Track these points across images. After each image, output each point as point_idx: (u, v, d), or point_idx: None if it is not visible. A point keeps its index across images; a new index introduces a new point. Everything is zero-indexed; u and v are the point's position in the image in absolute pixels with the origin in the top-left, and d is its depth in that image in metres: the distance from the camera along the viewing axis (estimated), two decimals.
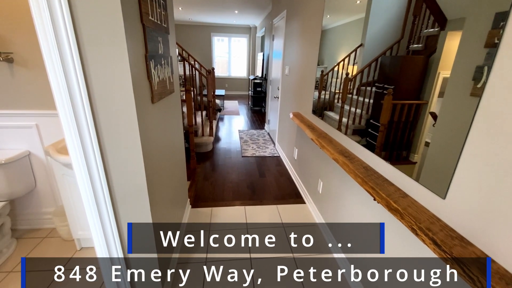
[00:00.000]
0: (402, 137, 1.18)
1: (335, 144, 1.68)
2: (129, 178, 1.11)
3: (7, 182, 1.73)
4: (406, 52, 1.18)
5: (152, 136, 1.24)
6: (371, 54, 1.47)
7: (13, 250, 1.79)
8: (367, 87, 1.51)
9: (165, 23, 1.45)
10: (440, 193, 0.91)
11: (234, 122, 5.84)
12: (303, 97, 2.59)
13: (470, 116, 0.78)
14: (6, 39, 1.58)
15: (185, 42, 8.61)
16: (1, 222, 1.73)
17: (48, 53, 0.88)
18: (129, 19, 0.96)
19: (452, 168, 0.85)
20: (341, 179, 1.72)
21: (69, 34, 0.87)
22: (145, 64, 1.13)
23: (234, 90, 9.80)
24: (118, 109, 1.00)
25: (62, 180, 1.63)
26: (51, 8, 0.83)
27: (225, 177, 3.04)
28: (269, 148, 4.06)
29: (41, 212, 1.99)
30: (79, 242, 1.80)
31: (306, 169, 2.53)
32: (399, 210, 0.96)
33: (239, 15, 7.21)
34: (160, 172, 1.39)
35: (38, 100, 1.69)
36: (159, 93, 1.30)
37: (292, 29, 3.05)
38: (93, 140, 1.01)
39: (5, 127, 1.74)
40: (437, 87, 0.99)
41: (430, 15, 1.05)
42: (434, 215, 0.93)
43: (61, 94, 0.92)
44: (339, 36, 1.92)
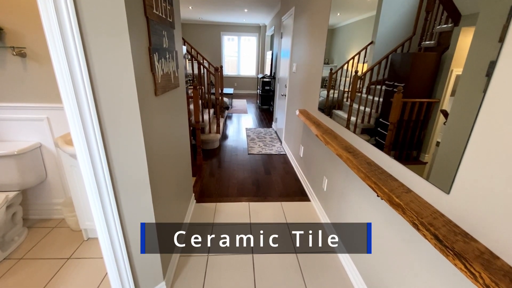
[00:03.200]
0: (413, 136, 1.15)
1: (340, 140, 1.65)
2: (131, 169, 1.13)
3: (20, 173, 1.80)
4: (418, 49, 1.15)
5: (155, 128, 1.26)
6: (382, 52, 1.44)
7: (24, 238, 1.85)
8: (377, 86, 1.48)
9: (171, 18, 1.47)
10: (444, 188, 0.88)
11: (242, 120, 5.85)
12: (309, 94, 2.56)
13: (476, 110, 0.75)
14: (19, 35, 1.64)
15: (195, 41, 8.69)
16: (13, 211, 1.80)
17: (53, 44, 0.90)
18: (132, 11, 0.98)
19: (457, 162, 0.82)
20: (345, 176, 1.69)
21: (73, 25, 0.89)
22: (149, 56, 1.15)
23: (243, 89, 9.83)
24: (121, 100, 1.02)
25: (70, 172, 1.68)
26: (57, 9, 0.86)
27: (231, 173, 3.05)
28: (275, 146, 4.05)
29: (51, 203, 2.06)
30: (86, 232, 1.85)
31: (312, 166, 2.51)
32: (401, 205, 0.93)
33: (248, 14, 7.21)
34: (163, 165, 1.40)
35: (49, 93, 1.75)
36: (162, 86, 1.32)
37: (299, 26, 3.02)
38: (96, 130, 1.03)
39: (18, 120, 1.80)
40: (450, 85, 0.96)
41: (443, 10, 1.02)
42: (437, 210, 0.90)
43: (65, 85, 0.95)
44: (349, 35, 1.88)
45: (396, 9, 1.34)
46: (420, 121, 1.10)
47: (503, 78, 0.69)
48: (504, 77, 0.69)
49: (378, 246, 1.31)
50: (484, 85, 0.74)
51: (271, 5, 5.85)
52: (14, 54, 1.63)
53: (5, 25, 1.62)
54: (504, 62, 0.69)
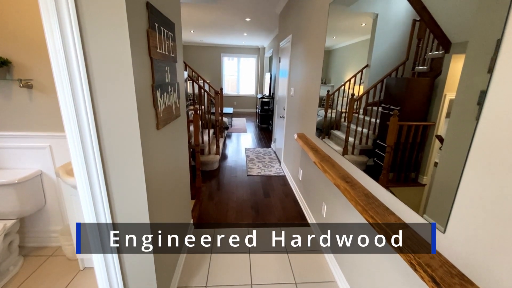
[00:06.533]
0: (410, 158, 1.17)
1: (337, 169, 1.67)
2: (131, 202, 1.14)
3: (19, 201, 1.80)
4: (412, 73, 1.19)
5: (155, 161, 1.28)
6: (377, 75, 1.49)
7: (19, 268, 1.82)
8: (373, 107, 1.52)
9: (173, 53, 1.54)
10: (440, 226, 0.89)
11: (241, 139, 5.90)
12: (307, 119, 2.62)
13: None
14: (27, 67, 1.70)
15: (196, 62, 8.95)
16: (10, 239, 1.78)
17: (60, 82, 0.95)
18: (137, 52, 1.03)
19: (451, 200, 0.84)
20: (343, 204, 1.70)
21: (80, 66, 0.94)
22: (152, 93, 1.20)
23: (243, 108, 9.98)
24: (123, 135, 1.05)
25: (70, 201, 1.68)
26: (64, 42, 0.91)
27: (230, 196, 3.04)
28: (274, 167, 4.06)
29: (48, 230, 2.04)
30: (82, 262, 1.82)
31: (310, 190, 2.51)
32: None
33: (248, 37, 7.49)
34: (162, 196, 1.42)
35: (52, 122, 1.79)
36: (164, 120, 1.36)
37: (297, 53, 3.14)
38: (97, 164, 1.05)
39: (21, 148, 1.83)
40: (444, 108, 0.98)
41: (434, 38, 1.06)
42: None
43: (69, 120, 0.99)
44: (345, 56, 1.95)
45: (389, 35, 1.40)
46: (417, 144, 1.11)
47: (494, 108, 0.70)
48: (495, 108, 0.70)
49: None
50: (477, 113, 0.75)
51: (270, 29, 6.09)
52: (21, 86, 1.69)
53: (13, 58, 1.69)
54: (495, 92, 0.70)
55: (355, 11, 1.79)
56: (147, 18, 1.14)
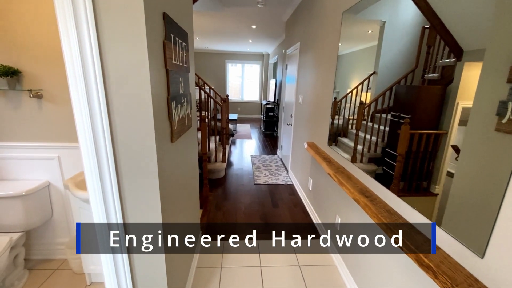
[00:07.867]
0: (422, 167, 1.14)
1: (354, 181, 1.62)
2: (145, 217, 1.10)
3: (26, 213, 1.76)
4: (422, 81, 1.17)
5: (169, 177, 1.24)
6: (385, 82, 1.47)
7: (24, 282, 1.77)
8: (382, 114, 1.49)
9: (186, 63, 1.51)
10: (478, 251, 0.83)
11: (246, 146, 5.86)
12: (318, 128, 2.57)
13: (502, 156, 0.73)
14: (37, 77, 1.68)
15: (201, 68, 8.99)
16: (16, 253, 1.73)
17: (75, 92, 0.91)
18: (154, 64, 1.00)
19: (491, 222, 0.79)
20: (360, 216, 1.63)
21: (98, 78, 0.90)
22: (167, 106, 1.16)
23: (246, 114, 9.97)
24: (139, 150, 1.01)
25: (78, 213, 1.63)
26: (82, 53, 0.88)
27: (237, 206, 2.98)
28: (282, 175, 4.00)
29: (55, 242, 1.99)
30: (89, 276, 1.76)
31: (322, 201, 2.45)
32: (431, 267, 0.88)
33: (252, 44, 7.51)
34: (175, 210, 1.37)
35: (61, 133, 1.76)
36: (178, 132, 1.32)
37: (306, 61, 3.11)
38: (112, 177, 1.01)
39: (29, 158, 1.80)
40: (457, 117, 0.96)
41: (445, 46, 1.04)
42: (471, 274, 0.85)
43: (84, 131, 0.95)
44: (351, 62, 1.93)
45: (397, 42, 1.38)
46: (429, 152, 1.09)
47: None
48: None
49: None
50: (495, 124, 0.73)
51: (276, 36, 6.10)
52: (31, 96, 1.66)
53: (24, 68, 1.66)
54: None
55: (362, 18, 1.78)
56: (163, 29, 1.11)
